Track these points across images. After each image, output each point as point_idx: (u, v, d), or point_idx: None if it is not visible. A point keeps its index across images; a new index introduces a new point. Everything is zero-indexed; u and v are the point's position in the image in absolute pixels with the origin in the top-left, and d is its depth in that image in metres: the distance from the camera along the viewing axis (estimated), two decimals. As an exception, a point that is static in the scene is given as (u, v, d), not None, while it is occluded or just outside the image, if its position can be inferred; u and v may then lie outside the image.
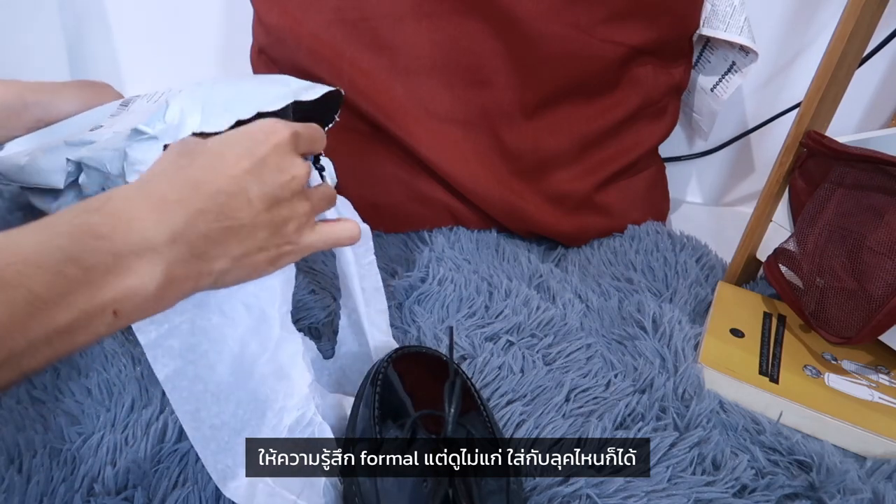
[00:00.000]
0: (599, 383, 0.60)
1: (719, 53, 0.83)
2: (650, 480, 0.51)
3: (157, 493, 0.47)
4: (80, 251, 0.30)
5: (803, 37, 0.87)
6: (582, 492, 0.49)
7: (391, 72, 0.77)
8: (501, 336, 0.65)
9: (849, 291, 0.59)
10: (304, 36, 0.76)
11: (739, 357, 0.63)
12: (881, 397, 0.60)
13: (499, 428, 0.54)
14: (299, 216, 0.41)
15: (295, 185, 0.40)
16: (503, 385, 0.59)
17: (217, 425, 0.46)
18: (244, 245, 0.38)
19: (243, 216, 0.37)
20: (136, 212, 0.33)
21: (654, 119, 0.85)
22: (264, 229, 0.39)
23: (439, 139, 0.78)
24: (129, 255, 0.32)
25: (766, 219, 0.72)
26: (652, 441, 0.54)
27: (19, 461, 0.48)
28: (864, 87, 0.88)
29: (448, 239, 0.81)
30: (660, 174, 0.91)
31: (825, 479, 0.52)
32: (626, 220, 0.86)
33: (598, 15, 0.74)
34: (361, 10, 0.75)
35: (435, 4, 0.74)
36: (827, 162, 0.63)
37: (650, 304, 0.69)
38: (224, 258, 0.37)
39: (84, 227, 0.31)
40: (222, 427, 0.46)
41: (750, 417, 0.58)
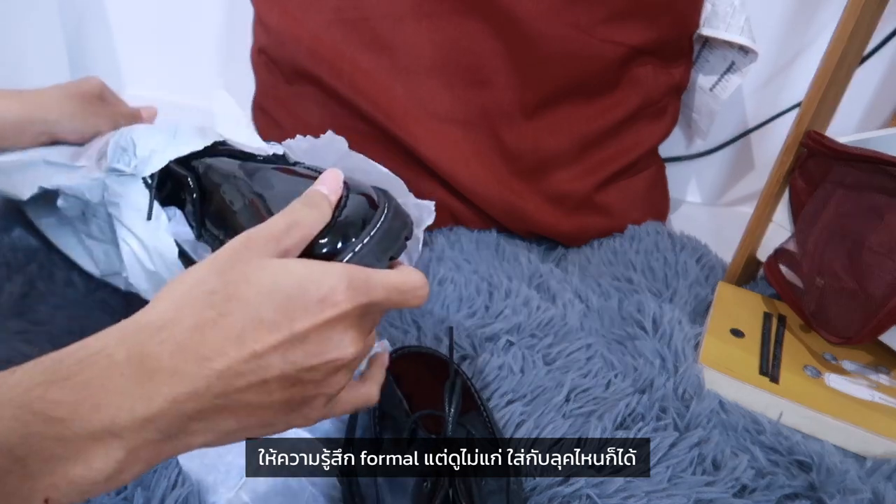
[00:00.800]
0: (599, 383, 0.60)
1: (718, 53, 0.83)
2: (650, 480, 0.51)
3: (156, 493, 0.47)
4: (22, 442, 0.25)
5: (803, 37, 0.87)
6: (582, 492, 0.49)
7: (391, 72, 0.77)
8: (501, 336, 0.65)
9: (849, 291, 0.59)
10: (304, 36, 0.76)
11: (739, 357, 0.63)
12: (881, 397, 0.60)
13: (499, 428, 0.54)
14: (326, 395, 0.34)
15: (334, 367, 0.33)
16: (503, 385, 0.59)
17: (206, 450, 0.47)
18: (241, 423, 0.31)
19: (250, 398, 0.30)
20: (112, 387, 0.27)
21: (654, 119, 0.85)
22: (273, 410, 0.32)
23: (439, 139, 0.78)
24: (83, 442, 0.26)
25: (766, 219, 0.72)
26: (652, 441, 0.54)
27: (19, 461, 0.48)
28: (864, 87, 0.88)
29: (448, 239, 0.81)
30: (660, 174, 0.91)
31: (825, 479, 0.52)
32: (626, 220, 0.86)
33: (598, 15, 0.74)
34: (361, 10, 0.75)
35: (435, 4, 0.74)
36: (827, 162, 0.63)
37: (650, 304, 0.69)
38: (208, 433, 0.30)
39: (38, 406, 0.25)
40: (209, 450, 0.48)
41: (750, 417, 0.58)
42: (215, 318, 0.29)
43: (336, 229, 0.38)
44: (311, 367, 0.31)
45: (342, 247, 0.38)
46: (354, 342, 0.33)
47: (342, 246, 0.38)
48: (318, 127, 0.82)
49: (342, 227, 0.38)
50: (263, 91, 0.86)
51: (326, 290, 0.31)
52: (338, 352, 0.32)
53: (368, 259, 0.38)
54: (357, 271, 0.33)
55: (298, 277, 0.31)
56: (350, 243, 0.38)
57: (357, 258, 0.37)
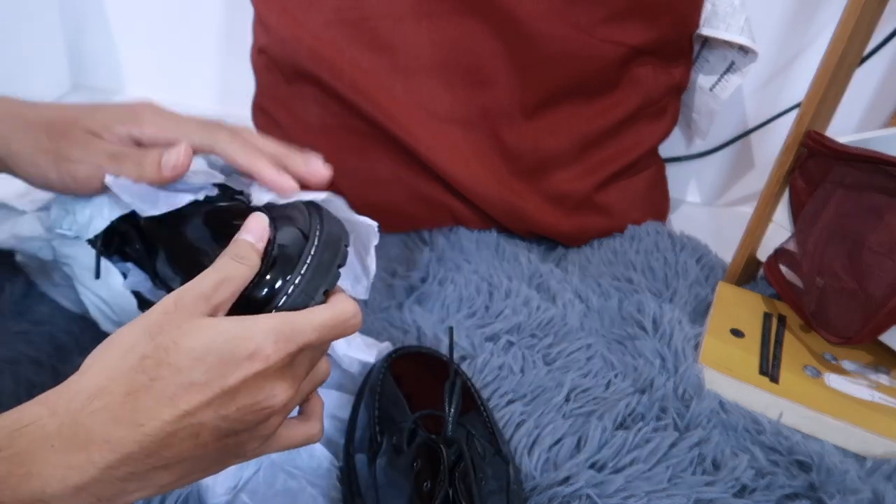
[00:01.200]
0: (599, 383, 0.60)
1: (718, 53, 0.83)
2: (650, 480, 0.51)
3: (156, 493, 0.47)
4: None
5: (803, 37, 0.87)
6: (582, 492, 0.49)
7: (391, 72, 0.77)
8: (501, 336, 0.65)
9: (849, 291, 0.59)
10: (304, 36, 0.76)
11: (739, 357, 0.63)
12: (881, 397, 0.60)
13: (499, 428, 0.54)
14: (260, 438, 0.35)
15: (266, 414, 0.33)
16: (503, 385, 0.59)
17: None
18: (176, 474, 0.32)
19: (184, 453, 0.31)
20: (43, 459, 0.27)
21: (654, 119, 0.85)
22: (207, 458, 0.33)
23: (439, 139, 0.78)
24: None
25: (766, 219, 0.72)
26: (652, 441, 0.54)
27: (19, 461, 0.48)
28: (864, 87, 0.88)
29: (448, 239, 0.81)
30: (660, 174, 0.91)
31: (825, 479, 0.52)
32: (626, 220, 0.86)
33: (598, 15, 0.74)
34: (361, 10, 0.75)
35: (435, 4, 0.74)
36: (827, 162, 0.63)
37: (650, 304, 0.69)
38: (145, 490, 0.31)
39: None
40: None
41: (750, 417, 0.58)
42: (147, 384, 0.30)
43: (267, 274, 0.38)
44: (242, 419, 0.32)
45: (275, 290, 0.38)
46: (286, 389, 0.34)
47: (276, 289, 0.38)
48: (318, 127, 0.83)
49: (273, 270, 0.39)
50: (263, 91, 0.86)
51: (254, 347, 0.32)
52: (269, 401, 0.33)
53: (302, 299, 0.38)
54: (283, 322, 0.34)
55: (228, 336, 0.32)
56: (283, 285, 0.38)
57: (290, 301, 0.38)
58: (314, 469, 0.50)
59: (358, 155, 0.81)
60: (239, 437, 0.33)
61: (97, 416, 0.29)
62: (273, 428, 0.35)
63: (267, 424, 0.34)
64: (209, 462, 0.33)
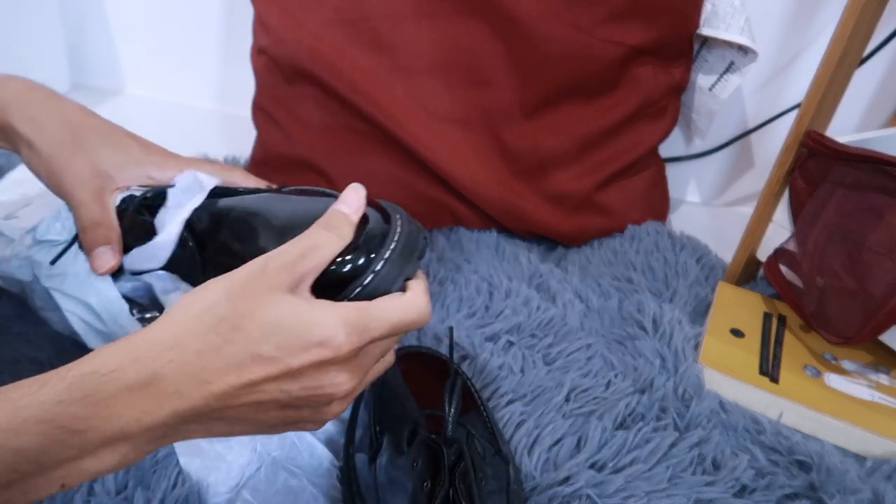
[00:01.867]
0: (599, 383, 0.60)
1: (717, 53, 0.83)
2: (650, 480, 0.51)
3: (157, 493, 0.47)
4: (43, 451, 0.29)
5: (803, 37, 0.87)
6: (582, 492, 0.49)
7: (391, 72, 0.77)
8: (501, 336, 0.65)
9: (849, 291, 0.59)
10: (304, 36, 0.76)
11: (739, 357, 0.63)
12: (881, 397, 0.60)
13: (499, 428, 0.54)
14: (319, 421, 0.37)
15: (328, 399, 0.35)
16: (503, 385, 0.59)
17: (205, 449, 0.48)
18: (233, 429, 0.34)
19: (244, 414, 0.33)
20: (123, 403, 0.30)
21: (654, 119, 0.85)
22: (266, 424, 0.35)
23: (439, 139, 0.78)
24: (96, 446, 0.30)
25: (766, 219, 0.72)
26: (652, 441, 0.54)
27: (19, 461, 0.48)
28: (864, 87, 0.88)
29: (448, 239, 0.81)
30: (660, 174, 0.91)
31: (825, 479, 0.52)
32: (626, 220, 0.86)
33: (598, 15, 0.74)
34: (361, 10, 0.75)
35: (435, 4, 0.74)
36: (827, 162, 0.63)
37: (650, 304, 0.69)
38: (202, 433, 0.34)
39: (59, 423, 0.29)
40: (209, 451, 0.48)
41: (750, 417, 0.58)
42: (219, 345, 0.32)
43: (354, 250, 0.38)
44: (305, 398, 0.34)
45: (360, 268, 0.37)
46: (350, 379, 0.35)
47: (361, 267, 0.37)
48: (318, 127, 0.83)
49: (361, 248, 0.38)
50: (263, 91, 0.86)
51: (327, 334, 0.33)
52: (331, 388, 0.34)
53: (386, 283, 0.38)
54: (359, 314, 0.34)
55: (303, 318, 0.33)
56: (369, 264, 0.37)
57: (375, 282, 0.37)
58: (315, 468, 0.50)
59: (358, 155, 0.81)
60: (299, 412, 0.35)
61: (170, 368, 0.31)
62: (333, 413, 0.36)
63: (327, 408, 0.35)
64: (266, 426, 0.35)
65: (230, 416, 0.33)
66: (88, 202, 0.47)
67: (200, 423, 0.33)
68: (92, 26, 1.12)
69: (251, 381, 0.32)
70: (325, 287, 0.36)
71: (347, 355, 0.34)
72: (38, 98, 0.48)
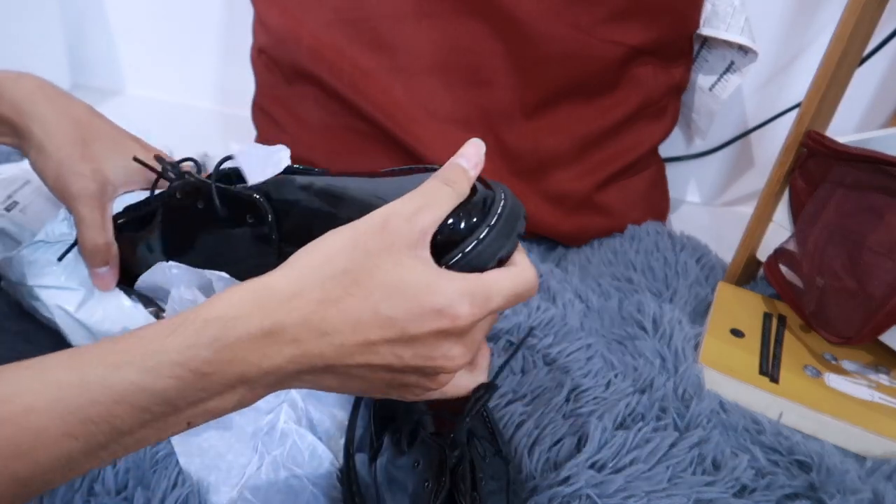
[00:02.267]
0: (599, 383, 0.60)
1: (717, 53, 0.83)
2: (650, 480, 0.51)
3: (157, 493, 0.47)
4: (177, 393, 0.30)
5: (803, 37, 0.87)
6: (582, 492, 0.49)
7: (391, 72, 0.77)
8: (501, 336, 0.65)
9: (849, 291, 0.59)
10: (304, 36, 0.76)
11: (739, 357, 0.63)
12: (881, 397, 0.60)
13: (499, 428, 0.54)
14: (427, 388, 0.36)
15: (439, 370, 0.34)
16: (503, 385, 0.59)
17: (205, 448, 0.48)
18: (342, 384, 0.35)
19: (355, 372, 0.33)
20: (246, 349, 0.31)
21: (654, 119, 0.85)
22: (374, 385, 0.35)
23: (439, 139, 0.78)
24: (221, 388, 0.31)
25: (766, 219, 0.72)
26: (652, 441, 0.54)
27: (19, 461, 0.48)
28: (864, 87, 0.88)
29: (448, 239, 0.81)
30: (660, 174, 0.91)
31: (825, 479, 0.52)
32: (626, 220, 0.86)
33: (598, 15, 0.74)
34: (361, 10, 0.75)
35: (435, 4, 0.74)
36: (827, 162, 0.63)
37: (650, 304, 0.69)
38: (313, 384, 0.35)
39: (190, 366, 0.30)
40: (209, 450, 0.48)
41: (750, 417, 0.58)
42: (339, 298, 0.32)
43: (463, 210, 0.36)
44: (416, 366, 0.33)
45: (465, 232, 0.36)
46: (463, 354, 0.34)
47: (465, 231, 0.36)
48: (318, 127, 0.83)
49: (464, 212, 0.36)
50: (263, 91, 0.86)
51: (445, 303, 0.32)
52: (443, 360, 0.34)
53: (487, 253, 0.36)
54: (478, 286, 0.33)
55: (423, 285, 0.32)
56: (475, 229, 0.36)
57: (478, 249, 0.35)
58: (315, 468, 0.50)
59: (358, 155, 0.81)
60: (406, 377, 0.34)
61: (291, 316, 0.31)
62: (439, 385, 0.36)
63: (436, 379, 0.35)
64: (372, 387, 0.35)
65: (341, 372, 0.33)
66: (90, 220, 0.48)
67: (313, 374, 0.33)
68: (92, 26, 1.12)
69: (367, 341, 0.32)
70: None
71: (465, 328, 0.33)
72: (49, 96, 0.49)
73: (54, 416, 0.28)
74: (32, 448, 0.28)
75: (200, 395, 0.31)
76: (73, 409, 0.28)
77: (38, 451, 0.28)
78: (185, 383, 0.30)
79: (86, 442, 0.29)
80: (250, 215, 0.44)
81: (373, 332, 0.32)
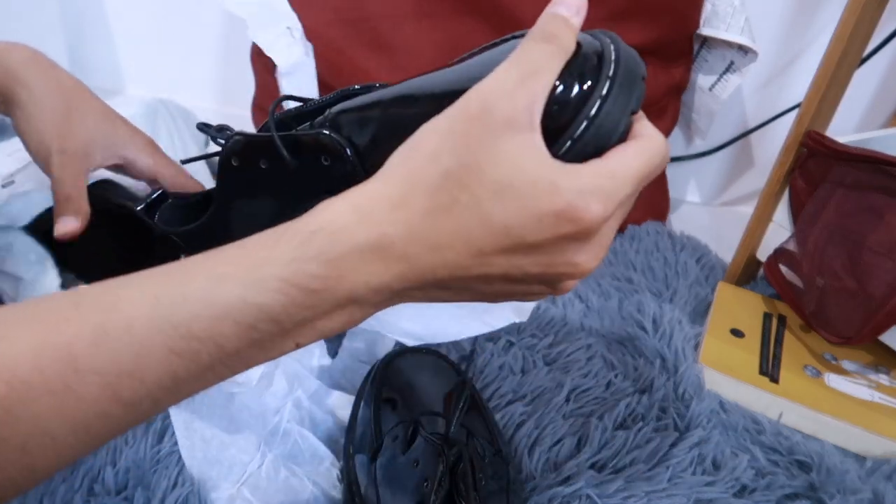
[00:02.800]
0: (600, 383, 0.60)
1: (717, 53, 0.83)
2: (650, 480, 0.51)
3: (157, 493, 0.47)
4: (283, 309, 0.28)
5: (803, 37, 0.87)
6: (582, 492, 0.49)
7: (391, 72, 0.77)
8: (501, 336, 0.65)
9: (849, 291, 0.59)
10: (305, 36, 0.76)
11: (739, 357, 0.63)
12: (881, 397, 0.60)
13: (499, 428, 0.54)
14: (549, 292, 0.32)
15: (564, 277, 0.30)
16: (503, 385, 0.59)
17: (208, 438, 0.47)
18: (456, 296, 0.32)
19: (470, 285, 0.30)
20: (353, 264, 0.28)
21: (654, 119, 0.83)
22: (490, 295, 0.32)
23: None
24: (329, 307, 0.29)
25: (766, 219, 0.72)
26: (652, 441, 0.54)
27: (19, 461, 0.48)
28: (864, 87, 0.88)
29: (448, 239, 0.81)
30: (660, 174, 0.91)
31: (825, 479, 0.52)
32: (626, 219, 0.85)
33: (598, 15, 0.74)
34: (361, 10, 0.75)
35: (435, 4, 0.74)
36: (827, 162, 0.63)
37: (650, 304, 0.69)
38: (424, 299, 0.32)
39: (296, 281, 0.28)
40: (212, 440, 0.47)
41: (750, 417, 0.58)
42: (448, 206, 0.28)
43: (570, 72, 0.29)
44: (537, 274, 0.30)
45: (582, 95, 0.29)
46: (590, 260, 0.30)
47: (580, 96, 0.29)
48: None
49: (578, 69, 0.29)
50: (263, 91, 0.86)
51: (566, 205, 0.27)
52: (567, 267, 0.29)
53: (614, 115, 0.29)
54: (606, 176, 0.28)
55: (538, 182, 0.27)
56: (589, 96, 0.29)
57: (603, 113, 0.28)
58: (315, 467, 0.50)
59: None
60: (526, 287, 0.31)
61: (398, 229, 0.28)
62: (565, 290, 0.32)
63: (560, 285, 0.31)
64: (490, 296, 0.32)
65: (455, 286, 0.31)
66: (66, 181, 0.47)
67: (425, 290, 0.31)
68: (92, 26, 1.12)
69: (481, 252, 0.28)
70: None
71: (593, 229, 0.28)
72: (41, 66, 0.49)
73: (156, 331, 0.26)
74: (136, 366, 0.26)
75: (307, 315, 0.28)
76: (176, 324, 0.27)
77: (141, 369, 0.26)
78: (292, 300, 0.28)
79: (191, 360, 0.27)
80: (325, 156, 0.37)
81: (487, 242, 0.28)
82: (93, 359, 0.26)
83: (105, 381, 0.26)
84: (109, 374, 0.26)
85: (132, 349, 0.26)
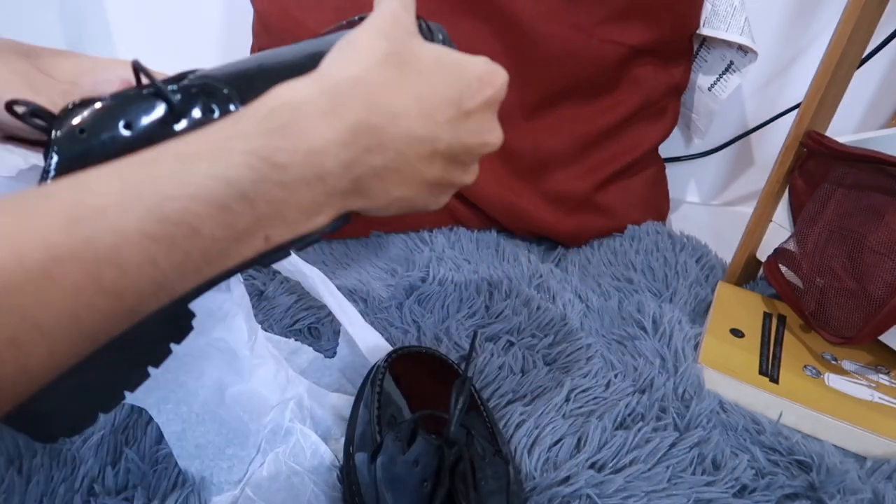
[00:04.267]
0: (599, 383, 0.60)
1: (716, 52, 0.83)
2: (650, 480, 0.51)
3: (157, 493, 0.47)
4: (252, 185, 0.28)
5: (803, 37, 0.87)
6: (582, 492, 0.49)
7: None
8: (501, 336, 0.65)
9: (849, 291, 0.59)
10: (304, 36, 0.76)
11: (739, 357, 0.63)
12: (881, 397, 0.60)
13: (499, 428, 0.54)
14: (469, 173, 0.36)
15: (482, 151, 0.35)
16: (503, 385, 0.59)
17: (202, 444, 0.47)
18: (402, 191, 0.34)
19: (418, 167, 0.33)
20: (321, 137, 0.29)
21: (654, 119, 0.85)
22: (426, 186, 0.35)
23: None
24: (299, 186, 0.29)
25: (766, 219, 0.72)
26: (652, 441, 0.54)
27: (19, 462, 0.48)
28: (864, 87, 0.88)
29: (448, 239, 0.81)
30: (660, 174, 0.91)
31: (825, 479, 0.52)
32: (626, 220, 0.86)
33: (598, 15, 0.74)
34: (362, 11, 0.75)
35: (435, 5, 0.74)
36: (827, 162, 0.63)
37: (650, 304, 0.69)
38: (381, 197, 0.33)
39: (263, 154, 0.28)
40: (207, 446, 0.48)
41: (750, 417, 0.58)
42: (397, 79, 0.32)
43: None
44: (469, 147, 0.34)
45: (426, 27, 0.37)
46: (499, 130, 0.35)
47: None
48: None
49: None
50: (263, 91, 0.86)
51: (483, 70, 0.33)
52: (490, 134, 0.34)
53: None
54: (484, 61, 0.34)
55: (454, 57, 0.33)
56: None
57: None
58: (315, 467, 0.50)
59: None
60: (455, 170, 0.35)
61: (359, 101, 0.31)
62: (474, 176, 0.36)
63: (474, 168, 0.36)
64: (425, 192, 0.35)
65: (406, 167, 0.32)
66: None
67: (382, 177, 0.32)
68: (92, 26, 1.12)
69: (432, 118, 0.32)
70: None
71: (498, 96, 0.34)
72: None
73: (130, 215, 0.26)
74: (113, 250, 0.26)
75: (277, 194, 0.29)
76: (149, 206, 0.26)
77: (120, 255, 0.26)
78: (259, 174, 0.28)
79: (168, 246, 0.27)
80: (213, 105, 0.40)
81: (437, 110, 0.32)
82: (69, 246, 0.25)
83: (84, 268, 0.25)
84: (88, 262, 0.25)
85: (107, 235, 0.26)
